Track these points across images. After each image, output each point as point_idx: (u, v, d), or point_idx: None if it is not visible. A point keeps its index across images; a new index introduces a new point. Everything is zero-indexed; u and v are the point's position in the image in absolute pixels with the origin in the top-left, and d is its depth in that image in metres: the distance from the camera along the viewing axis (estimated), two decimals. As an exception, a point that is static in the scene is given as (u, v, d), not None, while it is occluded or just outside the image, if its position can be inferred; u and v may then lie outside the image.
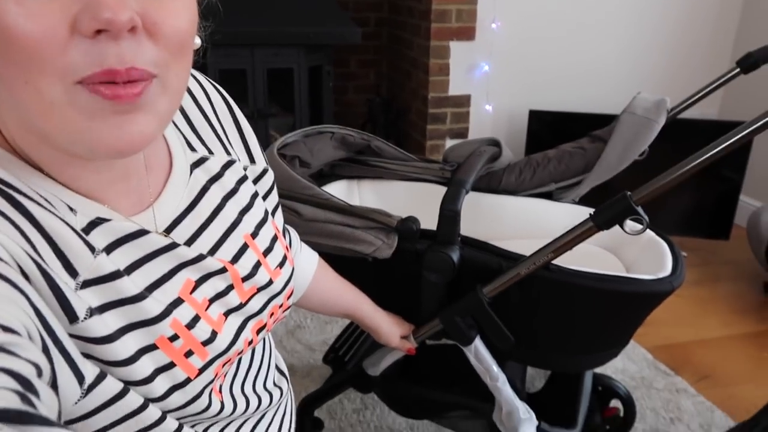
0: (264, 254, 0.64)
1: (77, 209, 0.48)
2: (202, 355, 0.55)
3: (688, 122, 2.16)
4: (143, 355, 0.50)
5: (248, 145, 0.67)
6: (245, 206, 0.64)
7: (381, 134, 2.91)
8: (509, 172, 1.22)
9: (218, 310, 0.58)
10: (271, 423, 0.73)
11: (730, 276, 2.32)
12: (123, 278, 0.48)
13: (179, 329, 0.53)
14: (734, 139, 0.75)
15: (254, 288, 0.62)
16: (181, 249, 0.54)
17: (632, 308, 0.96)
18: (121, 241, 0.50)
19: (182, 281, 0.55)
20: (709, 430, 1.51)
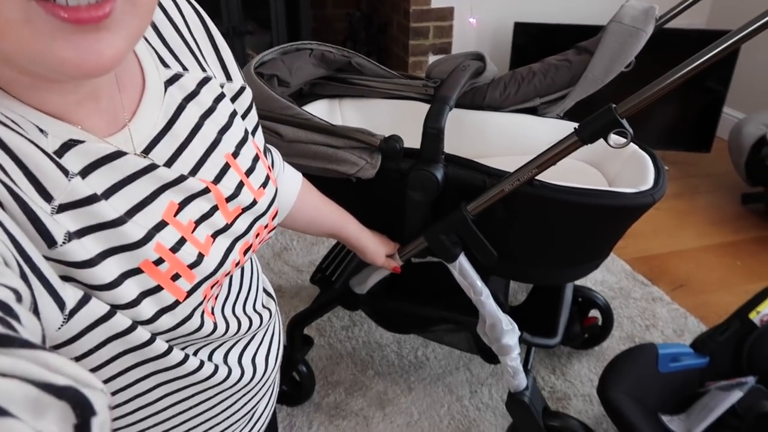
0: (246, 174, 0.63)
1: (48, 131, 0.45)
2: (189, 278, 0.54)
3: (675, 32, 2.12)
4: (127, 278, 0.49)
5: (224, 61, 0.64)
6: (224, 125, 0.62)
7: (362, 51, 2.82)
8: (493, 87, 1.19)
9: (205, 232, 0.57)
10: (261, 343, 0.74)
11: (709, 188, 2.36)
12: (101, 202, 0.47)
13: (164, 253, 0.52)
14: (720, 48, 0.73)
15: (239, 208, 0.61)
16: (161, 170, 0.52)
17: (614, 221, 0.98)
18: (98, 164, 0.48)
19: (165, 204, 0.53)
20: (682, 335, 1.58)
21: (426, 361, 1.48)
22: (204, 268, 0.56)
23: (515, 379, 1.10)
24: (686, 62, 0.75)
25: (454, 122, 1.13)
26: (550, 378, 1.43)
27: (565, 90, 1.13)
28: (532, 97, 1.16)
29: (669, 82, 0.76)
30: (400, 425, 1.31)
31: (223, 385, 0.64)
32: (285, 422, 1.31)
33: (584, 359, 1.49)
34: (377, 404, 1.36)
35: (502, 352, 1.08)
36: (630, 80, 1.10)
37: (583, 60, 1.10)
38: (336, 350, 1.52)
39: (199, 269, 0.55)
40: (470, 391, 1.40)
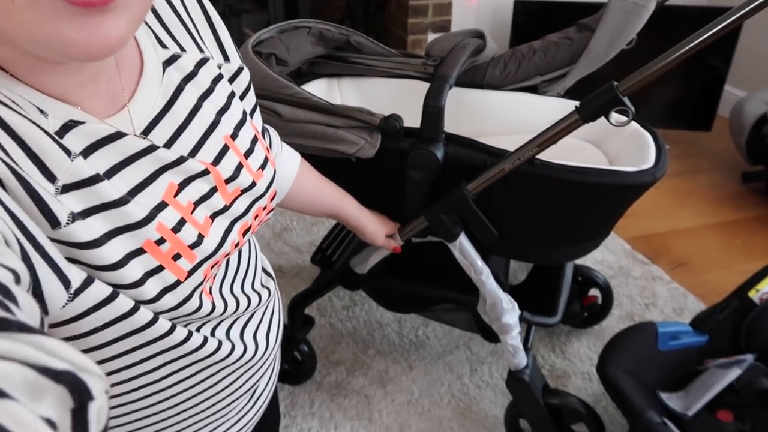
0: (245, 156, 0.63)
1: (48, 112, 0.45)
2: (190, 258, 0.55)
3: (677, 9, 2.09)
4: (132, 259, 0.49)
5: (221, 41, 0.63)
6: (222, 106, 0.61)
7: (360, 29, 2.79)
8: (494, 65, 1.18)
9: (204, 213, 0.58)
10: (261, 322, 0.74)
11: (710, 167, 2.36)
12: (103, 182, 0.47)
13: (165, 233, 0.52)
14: (722, 25, 0.72)
15: (238, 190, 0.61)
16: (161, 151, 0.53)
17: (615, 200, 0.97)
18: (98, 145, 0.48)
19: (165, 185, 0.54)
20: (682, 314, 1.59)
21: (426, 340, 1.49)
22: (204, 249, 0.56)
23: (515, 357, 1.11)
24: (688, 39, 0.75)
25: (454, 101, 1.12)
26: (550, 356, 1.44)
27: (565, 68, 1.12)
28: (532, 75, 1.15)
29: (671, 59, 0.76)
30: (400, 403, 1.33)
31: (226, 361, 0.64)
32: (287, 401, 1.33)
33: (584, 338, 1.49)
34: (378, 383, 1.37)
35: (502, 330, 1.08)
36: (631, 58, 1.08)
37: (584, 37, 1.09)
38: (337, 330, 1.52)
39: (200, 249, 0.56)
40: (470, 370, 1.41)
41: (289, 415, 1.30)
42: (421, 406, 1.32)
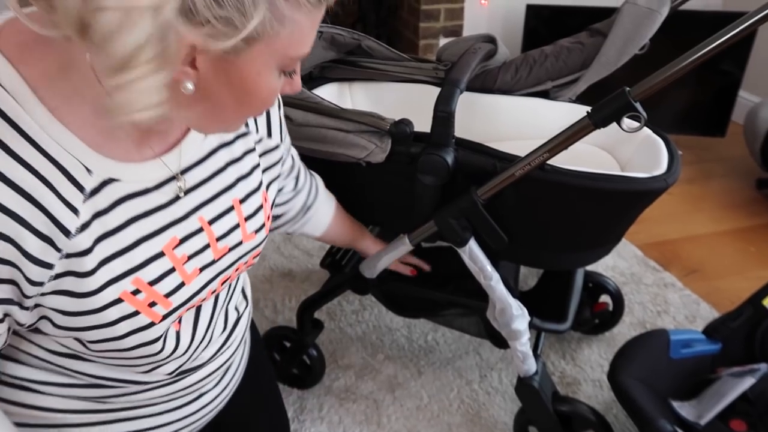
0: (246, 219, 0.74)
1: (94, 170, 0.56)
2: (165, 305, 0.64)
3: (690, 14, 2.08)
4: (112, 306, 0.60)
5: (270, 121, 0.77)
6: (244, 174, 0.73)
7: (372, 33, 2.80)
8: (505, 70, 1.18)
9: (195, 266, 0.67)
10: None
11: (724, 173, 2.33)
12: (88, 255, 0.57)
13: (140, 285, 0.61)
14: (736, 31, 0.72)
15: (227, 247, 0.71)
16: (175, 208, 0.64)
17: (626, 206, 0.97)
18: (126, 198, 0.59)
19: (169, 237, 0.64)
20: (695, 321, 1.57)
21: (436, 345, 1.49)
22: (180, 296, 0.65)
23: (525, 363, 1.10)
24: (702, 45, 0.74)
25: (465, 106, 1.12)
26: (560, 363, 1.43)
27: (577, 73, 1.12)
28: (544, 80, 1.15)
29: (684, 65, 0.75)
30: (410, 409, 1.32)
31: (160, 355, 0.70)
32: (296, 405, 1.33)
33: (594, 345, 1.48)
34: (387, 388, 1.37)
35: (511, 337, 1.08)
36: (644, 63, 1.08)
37: (596, 42, 1.08)
38: (346, 334, 1.52)
39: (175, 297, 0.65)
40: (480, 376, 1.40)
41: (297, 419, 1.30)
42: (430, 412, 1.31)
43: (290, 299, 1.64)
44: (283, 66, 0.55)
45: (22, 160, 0.51)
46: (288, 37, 0.52)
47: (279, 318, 1.58)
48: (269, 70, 0.54)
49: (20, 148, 0.51)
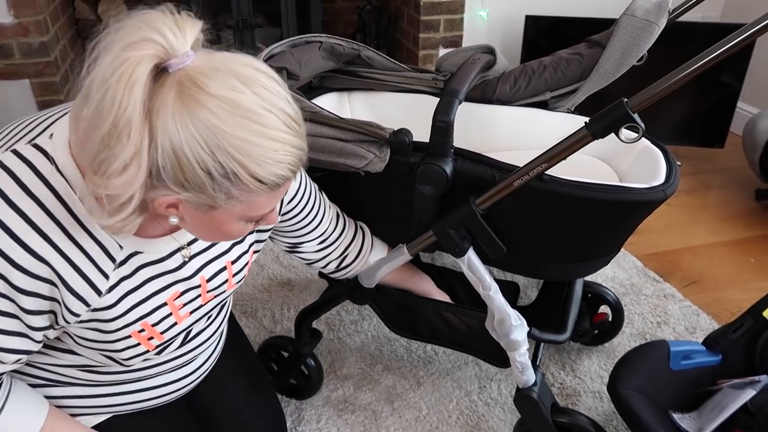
0: (233, 275, 0.92)
1: (124, 246, 0.75)
2: (159, 338, 0.83)
3: (688, 25, 2.09)
4: (123, 340, 0.80)
5: None
6: (238, 240, 0.90)
7: (372, 44, 2.81)
8: (504, 80, 1.18)
9: (187, 310, 0.86)
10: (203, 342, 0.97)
11: (723, 184, 2.33)
12: (112, 309, 0.76)
13: (146, 327, 0.80)
14: (734, 42, 0.72)
15: (213, 295, 0.90)
16: (182, 270, 0.82)
17: (625, 217, 0.96)
18: (147, 264, 0.79)
19: (172, 292, 0.82)
20: (694, 333, 1.56)
21: (435, 356, 1.48)
22: (171, 332, 0.84)
23: (523, 374, 1.10)
24: (700, 56, 0.74)
25: (464, 116, 1.12)
26: (560, 374, 1.43)
27: (576, 84, 1.12)
28: (542, 90, 1.15)
29: (682, 76, 0.75)
30: (408, 420, 1.31)
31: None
32: (294, 416, 1.32)
33: (594, 356, 1.48)
34: (386, 399, 1.36)
35: (510, 347, 1.07)
36: (642, 74, 1.08)
37: (594, 53, 1.09)
38: (345, 344, 1.52)
39: (168, 333, 0.84)
40: (479, 387, 1.39)
41: (296, 430, 1.29)
42: (429, 423, 1.30)
43: (289, 309, 1.64)
44: (248, 220, 0.71)
45: (73, 238, 0.70)
46: (245, 207, 0.67)
47: (277, 327, 1.57)
48: (234, 222, 0.70)
49: (72, 229, 0.70)
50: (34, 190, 0.68)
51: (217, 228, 0.71)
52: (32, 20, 2.13)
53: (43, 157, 0.69)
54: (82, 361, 0.84)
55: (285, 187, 0.68)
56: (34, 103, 2.27)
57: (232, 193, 0.64)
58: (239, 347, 1.15)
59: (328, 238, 1.09)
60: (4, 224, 0.66)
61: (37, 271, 0.68)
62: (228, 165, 0.61)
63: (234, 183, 0.63)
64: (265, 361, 1.37)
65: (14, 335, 0.71)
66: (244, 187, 0.64)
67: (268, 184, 0.65)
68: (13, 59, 2.18)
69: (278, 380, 1.35)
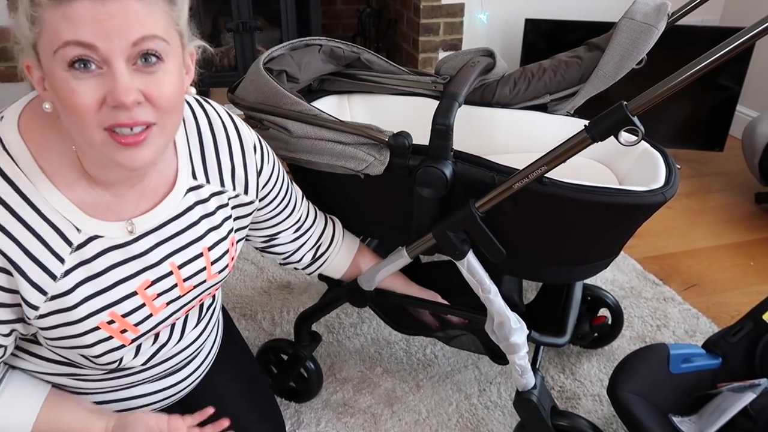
0: (212, 263, 0.88)
1: (82, 229, 0.73)
2: (134, 331, 0.80)
3: (688, 29, 2.09)
4: (90, 333, 0.76)
5: (248, 181, 0.90)
6: (215, 225, 0.87)
7: (371, 47, 2.82)
8: (503, 83, 1.18)
9: (163, 301, 0.83)
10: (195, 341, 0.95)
11: (722, 187, 2.33)
12: (69, 296, 0.73)
13: (115, 317, 0.77)
14: (734, 45, 0.72)
15: (192, 285, 0.86)
16: (148, 256, 0.79)
17: (624, 220, 0.96)
18: (108, 250, 0.76)
19: (141, 280, 0.79)
20: (694, 336, 1.56)
21: (434, 359, 1.48)
22: (146, 325, 0.81)
23: (523, 377, 1.10)
24: (699, 59, 0.74)
25: (464, 119, 1.12)
26: (560, 377, 1.43)
27: (575, 87, 1.12)
28: (542, 93, 1.15)
29: (681, 79, 0.75)
30: (408, 423, 1.31)
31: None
32: (293, 419, 1.32)
33: (594, 359, 1.47)
34: (385, 402, 1.36)
35: (510, 350, 1.07)
36: (641, 77, 1.08)
37: (593, 57, 1.09)
38: (344, 347, 1.52)
39: (143, 326, 0.81)
40: (479, 390, 1.39)
41: (294, 432, 1.29)
42: (428, 426, 1.30)
43: (288, 311, 1.64)
44: (61, 60, 0.62)
45: (23, 220, 0.68)
46: (49, 36, 0.62)
47: (277, 330, 1.57)
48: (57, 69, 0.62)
49: (22, 210, 0.68)
50: None
51: (59, 96, 0.64)
52: (32, 23, 2.13)
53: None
54: (63, 369, 0.82)
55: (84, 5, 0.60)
56: (34, 106, 2.27)
57: (33, 16, 0.61)
58: (237, 351, 1.15)
59: (303, 224, 1.07)
60: None
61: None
62: None
63: (33, 2, 0.61)
64: (265, 364, 1.37)
65: None
66: (38, 1, 0.61)
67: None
68: (13, 62, 2.17)
69: (278, 383, 1.35)
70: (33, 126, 0.70)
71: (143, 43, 0.63)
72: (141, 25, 0.62)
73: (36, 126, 0.70)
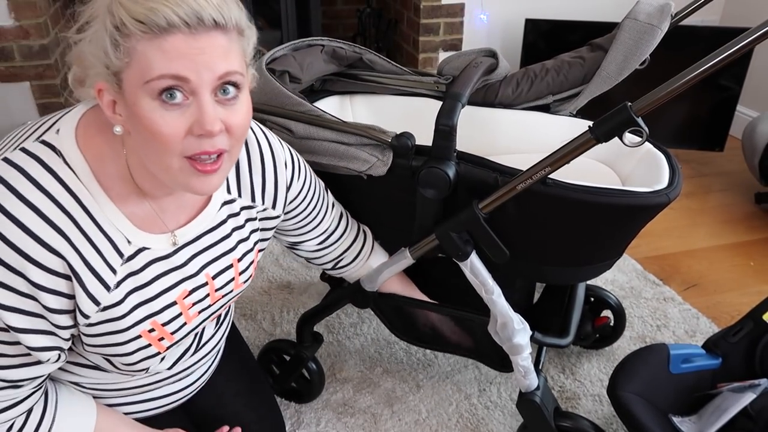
0: (239, 273, 0.92)
1: (132, 241, 0.76)
2: (170, 339, 0.83)
3: (689, 29, 2.09)
4: (132, 341, 0.80)
5: (276, 196, 0.94)
6: (244, 238, 0.91)
7: (371, 47, 2.81)
8: (506, 84, 1.18)
9: (196, 309, 0.86)
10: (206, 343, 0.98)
11: (722, 187, 2.34)
12: (119, 306, 0.76)
13: (156, 326, 0.81)
14: (737, 47, 0.72)
15: (221, 295, 0.91)
16: (187, 267, 0.83)
17: (628, 221, 0.96)
18: (155, 260, 0.79)
19: (181, 290, 0.83)
20: (694, 336, 1.56)
21: (435, 359, 1.48)
22: (181, 332, 0.85)
23: (526, 378, 1.10)
24: (703, 61, 0.74)
25: (467, 119, 1.12)
26: (560, 377, 1.43)
27: (578, 87, 1.12)
28: (545, 94, 1.15)
29: (686, 80, 0.75)
30: (408, 423, 1.31)
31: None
32: (293, 419, 1.32)
33: (594, 359, 1.48)
34: (385, 402, 1.36)
35: (513, 351, 1.07)
36: (645, 78, 1.08)
37: (596, 57, 1.09)
38: (344, 347, 1.52)
39: (178, 333, 0.84)
40: (479, 390, 1.39)
41: (295, 433, 1.29)
42: (428, 426, 1.30)
43: (288, 312, 1.63)
44: (151, 92, 0.64)
45: (83, 230, 0.71)
46: (139, 67, 0.64)
47: (277, 330, 1.57)
48: (144, 99, 0.65)
49: (83, 221, 0.71)
50: (45, 184, 0.69)
51: (142, 124, 0.66)
52: (33, 23, 2.13)
53: (51, 151, 0.71)
54: (84, 372, 0.85)
55: (174, 36, 0.63)
56: (34, 106, 2.26)
57: (120, 44, 0.63)
58: (237, 351, 1.15)
59: (328, 238, 1.10)
60: (17, 220, 0.66)
61: (53, 266, 0.69)
62: (115, 12, 0.63)
63: (121, 32, 0.63)
64: (267, 365, 1.37)
65: (41, 333, 0.72)
66: (127, 31, 0.63)
67: (147, 23, 0.62)
68: (13, 62, 2.17)
69: (279, 384, 1.35)
70: (90, 140, 0.73)
71: (226, 76, 0.66)
72: (225, 60, 0.66)
73: (93, 140, 0.73)
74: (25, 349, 0.72)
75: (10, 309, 0.68)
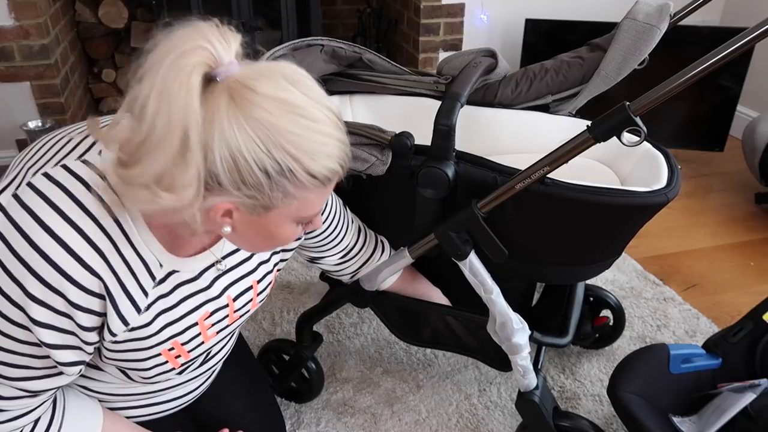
0: (258, 294, 0.94)
1: (164, 264, 0.77)
2: (186, 356, 0.85)
3: (689, 29, 2.09)
4: (152, 359, 0.82)
5: None
6: (264, 260, 0.93)
7: (371, 47, 2.81)
8: (505, 84, 1.18)
9: (214, 330, 0.88)
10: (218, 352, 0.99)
11: (722, 187, 2.34)
12: (146, 327, 0.78)
13: (176, 345, 0.82)
14: (736, 46, 0.72)
15: (239, 315, 0.92)
16: (211, 290, 0.84)
17: (626, 220, 0.96)
18: (183, 283, 0.80)
19: (203, 311, 0.84)
20: (694, 336, 1.56)
21: (434, 358, 1.48)
22: (198, 351, 0.87)
23: (525, 378, 1.10)
24: (701, 60, 0.74)
25: (466, 119, 1.12)
26: (560, 377, 1.43)
27: (577, 87, 1.12)
28: (544, 94, 1.15)
29: (684, 80, 0.75)
30: (408, 423, 1.31)
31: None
32: (293, 419, 1.32)
33: (594, 359, 1.48)
34: (385, 402, 1.36)
35: (512, 351, 1.07)
36: (643, 78, 1.08)
37: (595, 57, 1.09)
38: (344, 347, 1.52)
39: (194, 351, 0.86)
40: (479, 390, 1.39)
41: (295, 432, 1.29)
42: (428, 426, 1.30)
43: (288, 311, 1.64)
44: (299, 221, 0.72)
45: (121, 253, 0.71)
46: (299, 206, 0.68)
47: (277, 330, 1.57)
48: (287, 224, 0.71)
49: (121, 244, 0.71)
50: (88, 206, 0.69)
51: (269, 233, 0.71)
52: (33, 23, 2.13)
53: (93, 173, 0.70)
54: (95, 375, 0.85)
55: (333, 183, 0.70)
56: (34, 106, 2.27)
57: (288, 191, 0.65)
58: (238, 352, 1.15)
59: (348, 252, 1.12)
60: (61, 240, 0.66)
61: (90, 286, 0.69)
62: (284, 161, 0.62)
63: (290, 179, 0.64)
64: (266, 365, 1.37)
65: (70, 349, 0.72)
66: (298, 183, 0.65)
67: (320, 178, 0.66)
68: (13, 62, 2.18)
69: (279, 383, 1.35)
70: None
71: None
72: None
73: None
74: (52, 363, 0.72)
75: (45, 326, 0.68)
